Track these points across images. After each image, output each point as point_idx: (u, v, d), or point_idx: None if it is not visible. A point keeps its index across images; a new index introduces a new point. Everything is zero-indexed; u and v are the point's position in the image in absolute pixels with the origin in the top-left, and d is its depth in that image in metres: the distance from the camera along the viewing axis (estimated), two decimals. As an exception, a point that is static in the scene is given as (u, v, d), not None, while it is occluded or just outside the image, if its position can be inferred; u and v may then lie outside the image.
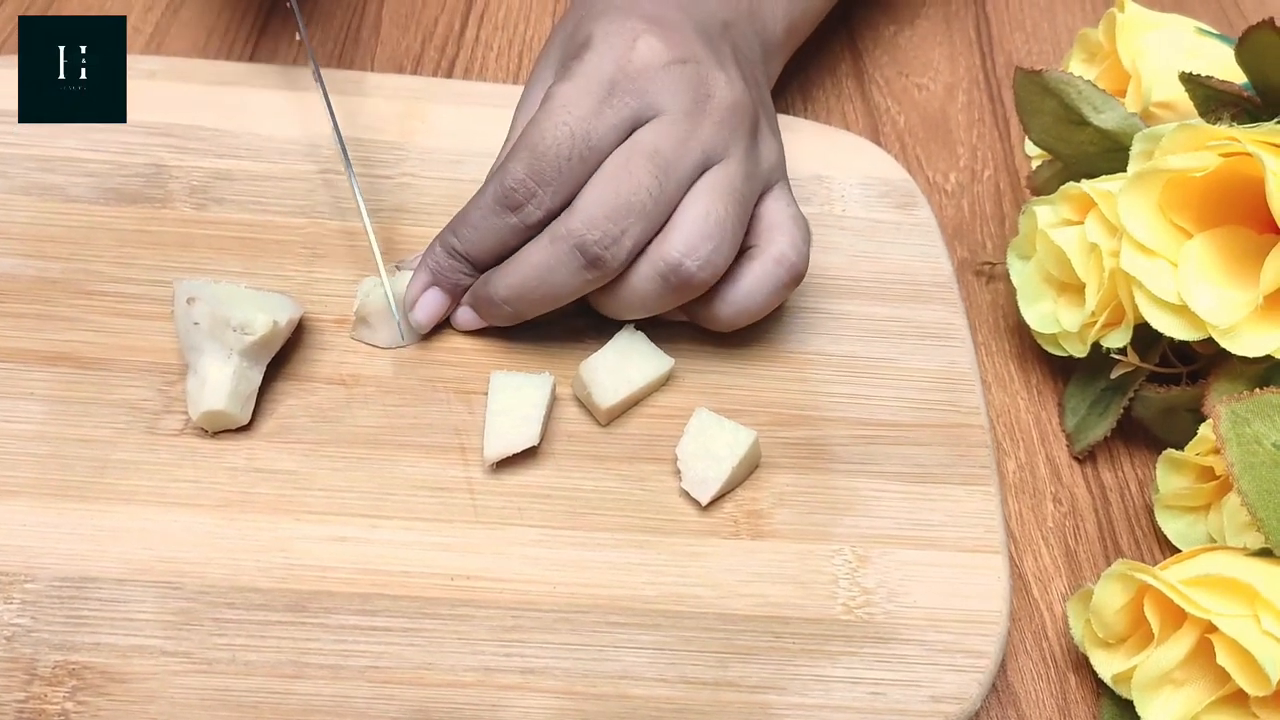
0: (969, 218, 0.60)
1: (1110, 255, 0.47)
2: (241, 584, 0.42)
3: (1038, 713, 0.45)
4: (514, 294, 0.47)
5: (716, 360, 0.50)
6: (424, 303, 0.49)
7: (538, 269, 0.46)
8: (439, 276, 0.48)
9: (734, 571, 0.44)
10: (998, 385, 0.54)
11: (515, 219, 0.46)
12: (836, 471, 0.48)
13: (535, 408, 0.46)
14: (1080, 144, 0.51)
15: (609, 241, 0.44)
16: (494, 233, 0.46)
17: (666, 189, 0.45)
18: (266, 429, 0.46)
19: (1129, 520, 0.50)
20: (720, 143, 0.46)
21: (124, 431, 0.46)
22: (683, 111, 0.46)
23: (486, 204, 0.46)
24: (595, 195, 0.45)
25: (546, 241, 0.46)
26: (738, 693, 0.42)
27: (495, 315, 0.48)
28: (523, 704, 0.41)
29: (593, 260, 0.45)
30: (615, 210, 0.44)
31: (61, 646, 0.40)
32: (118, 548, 0.43)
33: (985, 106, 0.65)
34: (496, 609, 0.43)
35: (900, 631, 0.44)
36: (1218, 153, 0.44)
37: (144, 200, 0.53)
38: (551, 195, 0.45)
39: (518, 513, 0.45)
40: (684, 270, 0.45)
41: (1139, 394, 0.49)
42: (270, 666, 0.41)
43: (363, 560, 0.43)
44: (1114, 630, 0.42)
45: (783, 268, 0.48)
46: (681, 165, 0.45)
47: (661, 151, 0.45)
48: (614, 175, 0.45)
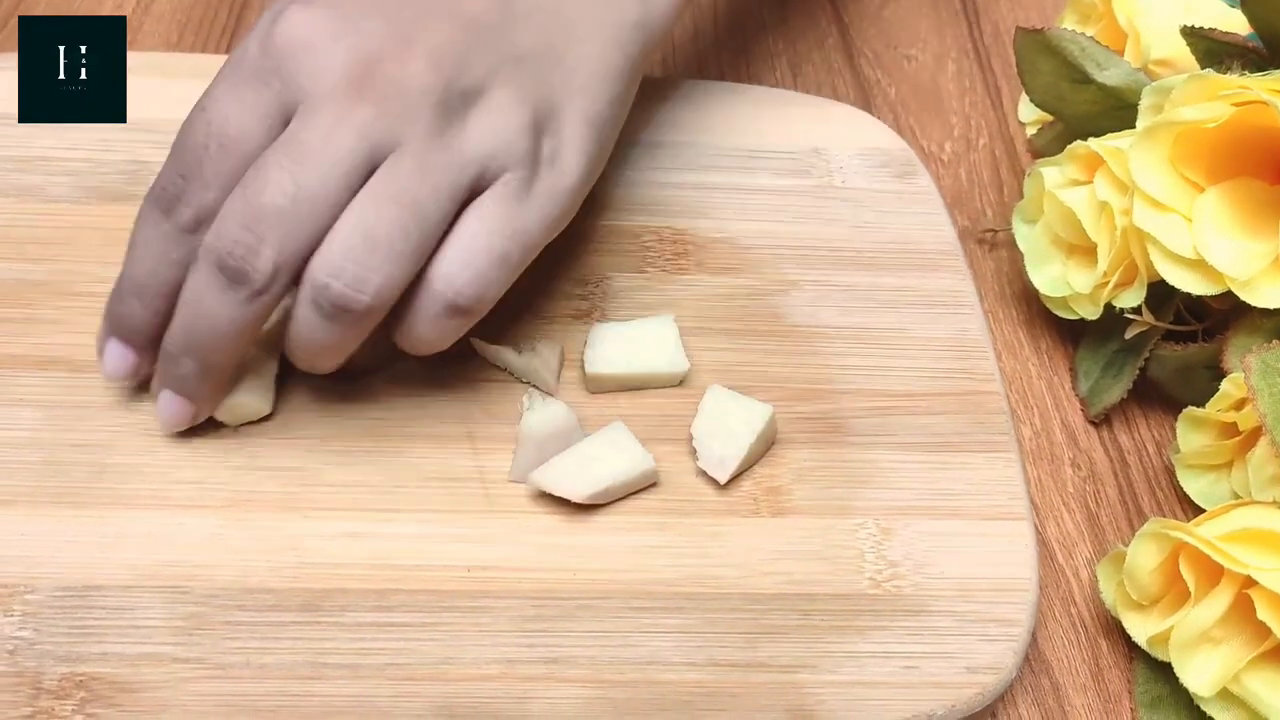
0: (967, 186, 0.59)
1: (1122, 213, 0.46)
2: (252, 585, 0.41)
3: (1071, 680, 0.44)
4: (183, 341, 0.40)
5: (723, 337, 0.49)
6: (109, 358, 0.43)
7: (189, 302, 0.40)
8: (115, 324, 0.42)
9: (756, 550, 0.43)
10: (1007, 353, 0.53)
11: (168, 224, 0.40)
12: (854, 444, 0.47)
13: (612, 474, 0.43)
14: (1082, 103, 0.51)
15: (243, 250, 0.38)
16: (153, 247, 0.40)
17: (306, 185, 0.38)
18: (269, 425, 0.45)
19: (1149, 482, 0.49)
20: (387, 125, 0.39)
21: (121, 434, 0.44)
22: (337, 89, 0.39)
23: (143, 216, 0.41)
24: (229, 206, 0.39)
25: (193, 267, 0.40)
26: (769, 673, 0.41)
27: (184, 379, 0.41)
28: (549, 695, 0.40)
29: (233, 276, 0.38)
30: (247, 217, 0.38)
31: (67, 658, 0.39)
32: (121, 553, 0.41)
33: (975, 75, 0.65)
34: (516, 599, 0.42)
35: (930, 603, 0.43)
36: (1230, 103, 0.43)
37: (126, 198, 0.51)
38: (199, 189, 0.39)
39: (532, 500, 0.44)
40: (332, 292, 0.38)
41: (1154, 353, 0.48)
42: (287, 669, 0.39)
43: (376, 555, 0.42)
44: (1147, 591, 0.42)
45: (432, 296, 0.40)
46: (327, 156, 0.38)
47: (302, 141, 0.38)
48: (247, 181, 0.39)
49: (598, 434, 0.44)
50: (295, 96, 0.39)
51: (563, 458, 0.44)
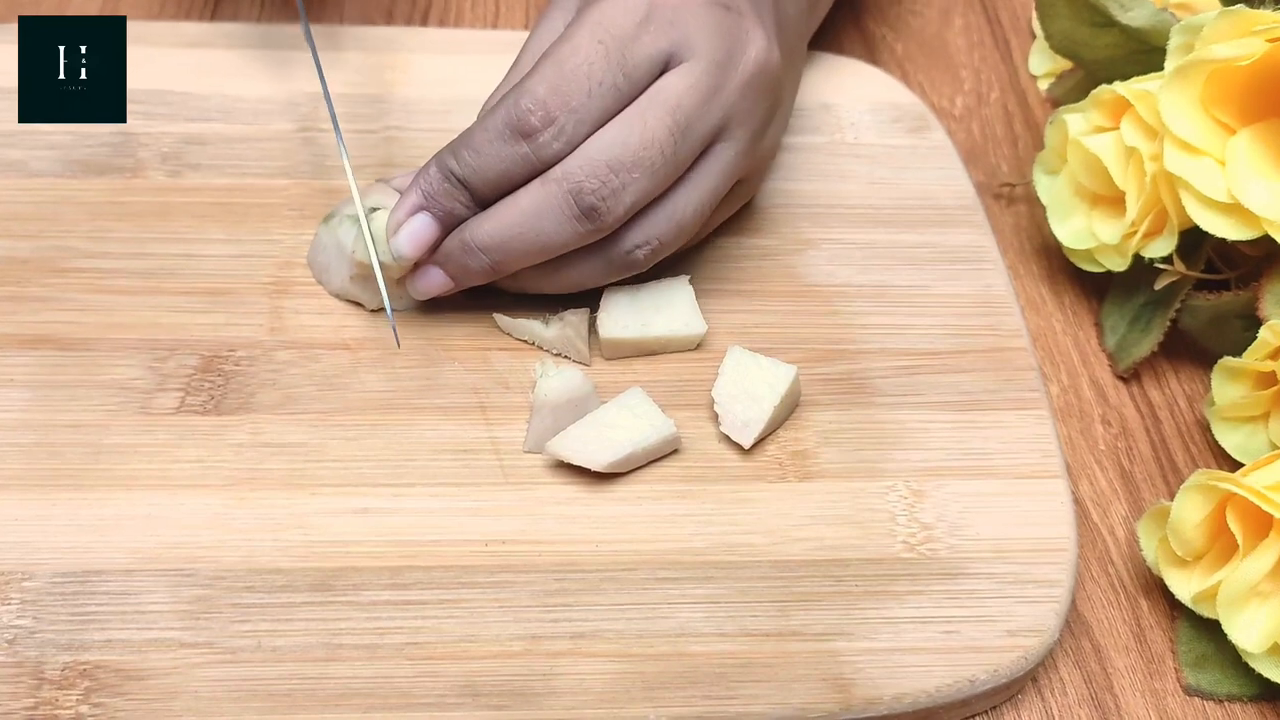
0: (980, 142, 0.57)
1: (1151, 159, 0.45)
2: (260, 566, 0.39)
3: (1112, 641, 0.42)
4: (495, 241, 0.42)
5: (740, 298, 0.48)
6: (411, 229, 0.42)
7: (524, 214, 0.41)
8: (431, 200, 0.42)
9: (785, 516, 0.42)
10: (1030, 309, 0.51)
11: (526, 148, 0.40)
12: (880, 405, 0.45)
13: (632, 440, 0.42)
14: (1104, 47, 0.49)
15: (607, 193, 0.40)
16: (499, 162, 0.41)
17: (680, 151, 0.41)
18: (269, 401, 0.43)
19: (1182, 437, 0.48)
20: (740, 112, 0.42)
21: (116, 414, 0.42)
22: (714, 62, 0.42)
23: (495, 126, 0.41)
24: (603, 141, 0.40)
25: (538, 185, 0.41)
26: (803, 642, 0.39)
27: (469, 269, 0.43)
28: (576, 670, 0.38)
29: (586, 211, 0.40)
30: (621, 161, 0.40)
31: (69, 646, 0.37)
32: (121, 536, 0.39)
33: (984, 29, 0.63)
34: (538, 573, 0.40)
35: (966, 566, 0.41)
36: (1264, 38, 0.42)
37: (113, 171, 0.49)
38: (575, 125, 0.40)
39: (548, 471, 0.42)
40: (635, 256, 0.43)
41: (1186, 304, 0.47)
42: (300, 651, 0.38)
43: (388, 532, 0.40)
44: (1192, 547, 0.40)
45: None
46: (699, 128, 0.41)
47: (684, 108, 0.41)
48: (627, 123, 0.40)
49: (615, 400, 0.43)
50: (682, 54, 0.41)
51: (579, 426, 0.42)
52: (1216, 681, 0.41)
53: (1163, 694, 0.41)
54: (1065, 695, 0.41)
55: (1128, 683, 0.41)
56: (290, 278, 0.46)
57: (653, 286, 0.45)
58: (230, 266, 0.46)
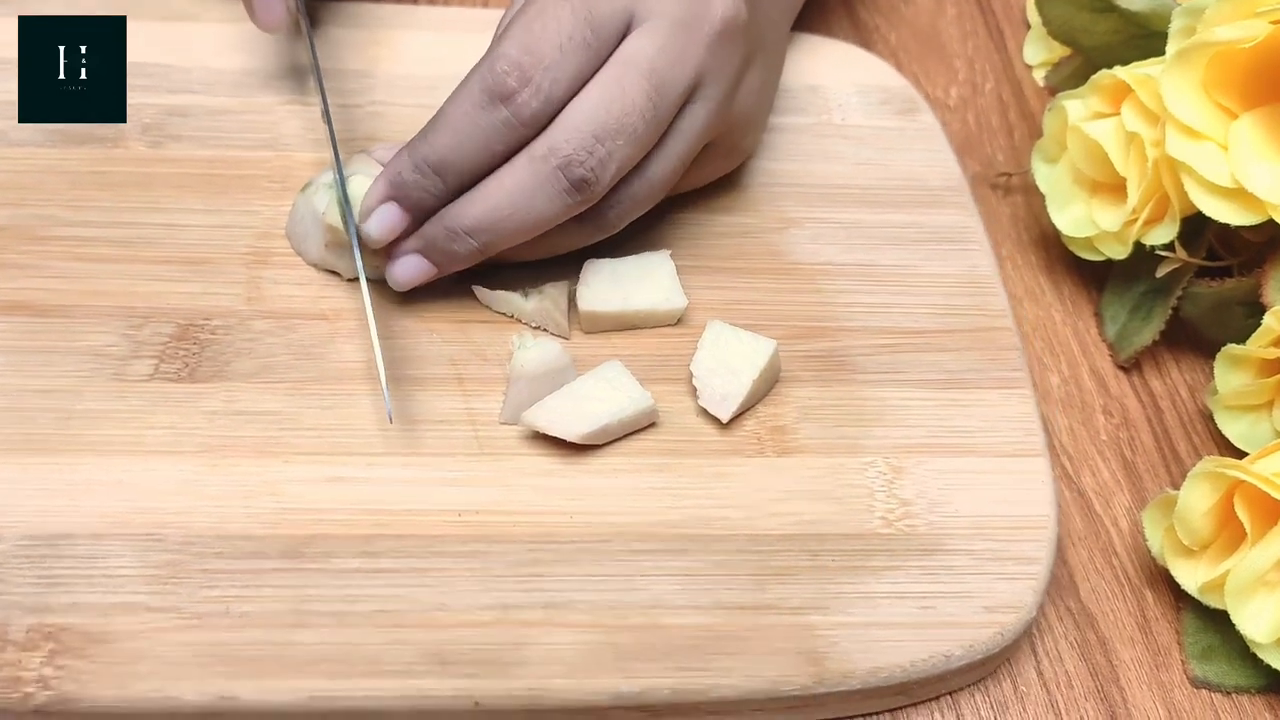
0: (976, 131, 0.57)
1: (1153, 144, 0.44)
2: (230, 532, 0.39)
3: (1117, 633, 0.42)
4: (484, 223, 0.41)
5: (721, 275, 0.47)
6: (380, 215, 0.42)
7: (512, 193, 0.41)
8: (398, 190, 0.42)
9: (763, 490, 0.41)
10: (1029, 299, 0.51)
11: (506, 112, 0.40)
12: (861, 382, 0.45)
13: (609, 412, 0.41)
14: (1103, 33, 0.48)
15: (595, 163, 0.40)
16: (478, 134, 0.40)
17: (660, 113, 0.41)
18: (244, 369, 0.43)
19: (1184, 427, 0.47)
20: (711, 70, 0.42)
21: (89, 380, 0.42)
22: (679, 20, 0.41)
23: (471, 96, 0.40)
24: (584, 110, 0.40)
25: (524, 161, 0.41)
26: (778, 615, 0.39)
27: (455, 254, 0.42)
28: (548, 640, 0.37)
29: (577, 183, 0.40)
30: (605, 129, 0.40)
31: (35, 609, 0.37)
32: (91, 501, 0.39)
33: (977, 18, 0.63)
34: (511, 543, 0.39)
35: (945, 542, 0.41)
36: (1268, 19, 0.41)
37: (94, 141, 0.49)
38: (551, 83, 0.40)
39: (524, 442, 0.42)
40: (619, 211, 0.43)
41: (1188, 291, 0.46)
42: (269, 616, 0.37)
43: (361, 500, 0.40)
44: (1199, 536, 0.39)
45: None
46: (674, 89, 0.41)
47: (658, 70, 0.41)
48: (606, 90, 0.40)
49: (592, 372, 0.42)
50: (644, 12, 0.41)
51: (556, 397, 0.42)
52: (1224, 673, 0.41)
53: (1170, 686, 0.41)
54: (1072, 689, 0.41)
55: (1134, 675, 0.41)
56: (269, 248, 0.46)
57: (634, 260, 0.45)
58: (209, 236, 0.46)
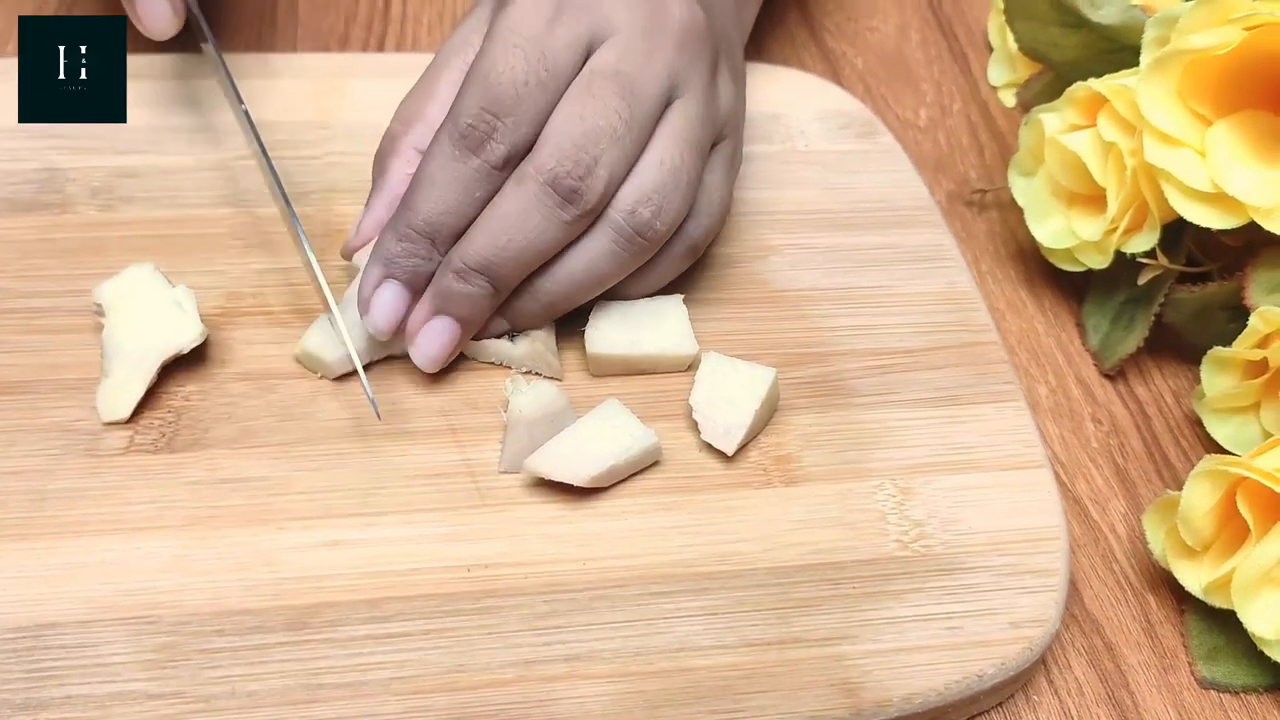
0: (947, 151, 0.57)
1: (1130, 153, 0.45)
2: (227, 608, 0.37)
3: (1123, 638, 0.42)
4: (487, 256, 0.41)
5: (707, 306, 0.46)
6: (381, 300, 0.41)
7: (508, 219, 0.40)
8: (393, 267, 0.41)
9: (775, 522, 0.40)
10: (1011, 312, 0.51)
11: (479, 160, 0.40)
12: (858, 406, 0.44)
13: (614, 453, 0.40)
14: (1073, 48, 0.49)
15: (582, 171, 0.40)
16: (458, 185, 0.40)
17: (637, 114, 0.41)
18: (225, 435, 0.41)
19: (1172, 432, 0.47)
20: (683, 68, 0.42)
21: (59, 458, 0.40)
22: (639, 29, 0.42)
23: (443, 152, 0.41)
24: (559, 126, 0.40)
25: (513, 187, 0.40)
26: (807, 648, 0.38)
27: (472, 299, 0.41)
28: (574, 694, 0.36)
29: (567, 194, 0.40)
30: (584, 137, 0.40)
31: (26, 705, 0.34)
32: (75, 586, 0.37)
33: (940, 43, 0.63)
34: (525, 596, 0.38)
35: (962, 560, 0.40)
36: (1241, 27, 0.42)
37: (40, 208, 0.47)
38: (514, 126, 0.40)
39: (527, 490, 0.40)
40: (639, 218, 0.41)
41: (1170, 297, 0.46)
42: (279, 694, 0.35)
43: (363, 563, 0.38)
44: (1201, 536, 0.40)
45: (683, 248, 0.44)
46: (648, 89, 0.41)
47: (624, 73, 0.41)
48: (577, 101, 0.40)
49: (592, 413, 0.41)
50: (605, 31, 0.42)
51: (557, 441, 0.40)
52: (1231, 674, 0.41)
53: (1179, 688, 0.41)
54: (1082, 695, 0.40)
55: (1143, 679, 0.41)
56: (239, 308, 0.44)
57: (644, 304, 0.44)
58: (173, 300, 0.44)
